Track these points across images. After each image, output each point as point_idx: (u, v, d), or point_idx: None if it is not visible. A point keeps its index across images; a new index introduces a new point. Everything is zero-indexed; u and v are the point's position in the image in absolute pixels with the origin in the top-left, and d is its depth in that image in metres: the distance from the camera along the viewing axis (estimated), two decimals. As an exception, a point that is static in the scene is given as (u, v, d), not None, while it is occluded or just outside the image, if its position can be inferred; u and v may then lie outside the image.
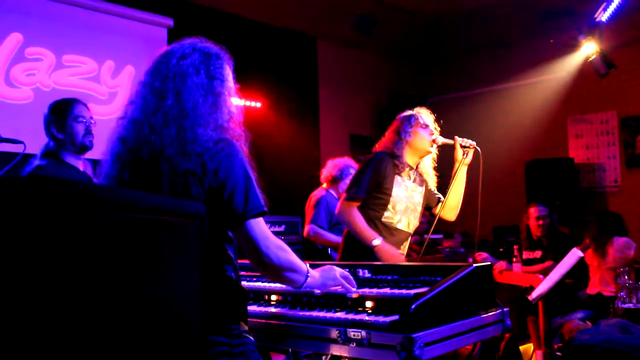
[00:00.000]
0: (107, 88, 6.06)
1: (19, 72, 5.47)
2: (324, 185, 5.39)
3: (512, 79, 8.53)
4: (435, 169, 3.70)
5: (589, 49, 6.93)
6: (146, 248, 1.12)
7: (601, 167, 8.05)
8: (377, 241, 3.32)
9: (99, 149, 2.01)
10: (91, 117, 3.23)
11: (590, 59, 6.93)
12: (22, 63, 5.49)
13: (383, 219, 3.43)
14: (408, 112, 3.58)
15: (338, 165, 5.31)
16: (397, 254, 3.38)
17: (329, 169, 5.36)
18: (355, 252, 3.41)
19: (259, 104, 6.96)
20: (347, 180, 4.99)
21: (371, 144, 3.72)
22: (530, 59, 8.34)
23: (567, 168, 7.86)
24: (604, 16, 6.52)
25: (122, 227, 1.07)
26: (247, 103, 6.81)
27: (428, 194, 3.65)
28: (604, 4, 6.42)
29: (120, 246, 1.06)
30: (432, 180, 3.68)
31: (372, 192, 3.42)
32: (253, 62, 6.80)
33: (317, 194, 5.34)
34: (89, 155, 3.25)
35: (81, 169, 3.21)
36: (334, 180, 5.29)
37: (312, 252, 5.29)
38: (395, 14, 7.83)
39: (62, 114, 3.14)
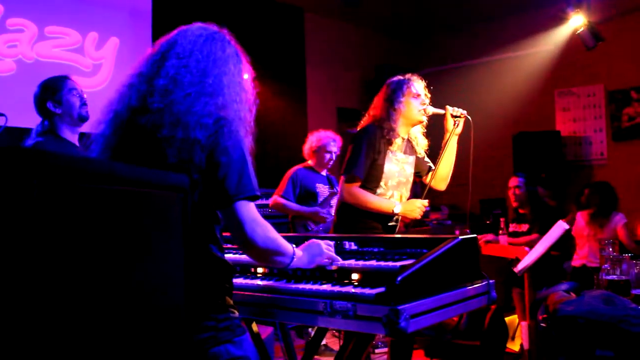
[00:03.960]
0: (91, 60, 5.97)
1: (0, 43, 5.37)
2: (309, 162, 5.38)
3: (500, 51, 8.50)
4: (426, 136, 3.64)
5: (577, 21, 6.92)
6: (128, 220, 1.10)
7: (588, 140, 8.08)
8: (397, 208, 3.34)
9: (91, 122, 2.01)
10: (82, 90, 3.30)
11: (578, 31, 6.93)
12: (4, 34, 5.39)
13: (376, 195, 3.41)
14: (399, 78, 3.47)
15: (318, 137, 5.31)
16: (418, 204, 3.38)
17: (309, 142, 5.37)
18: (349, 225, 3.39)
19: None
20: (324, 154, 5.22)
21: (358, 117, 3.62)
22: (518, 31, 8.30)
23: (554, 141, 7.89)
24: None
25: (103, 199, 1.05)
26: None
27: (418, 161, 3.59)
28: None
29: (101, 218, 1.04)
30: (422, 146, 3.60)
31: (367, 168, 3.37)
32: (239, 34, 6.69)
33: (293, 168, 5.32)
34: (82, 128, 3.26)
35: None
36: (315, 153, 5.30)
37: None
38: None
39: (56, 89, 3.18)
